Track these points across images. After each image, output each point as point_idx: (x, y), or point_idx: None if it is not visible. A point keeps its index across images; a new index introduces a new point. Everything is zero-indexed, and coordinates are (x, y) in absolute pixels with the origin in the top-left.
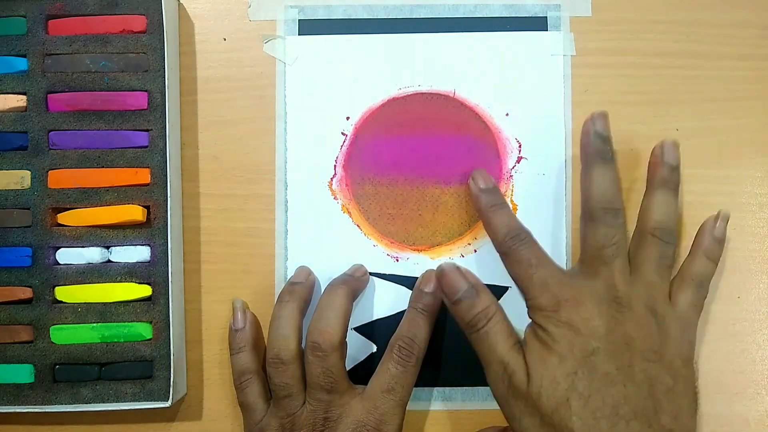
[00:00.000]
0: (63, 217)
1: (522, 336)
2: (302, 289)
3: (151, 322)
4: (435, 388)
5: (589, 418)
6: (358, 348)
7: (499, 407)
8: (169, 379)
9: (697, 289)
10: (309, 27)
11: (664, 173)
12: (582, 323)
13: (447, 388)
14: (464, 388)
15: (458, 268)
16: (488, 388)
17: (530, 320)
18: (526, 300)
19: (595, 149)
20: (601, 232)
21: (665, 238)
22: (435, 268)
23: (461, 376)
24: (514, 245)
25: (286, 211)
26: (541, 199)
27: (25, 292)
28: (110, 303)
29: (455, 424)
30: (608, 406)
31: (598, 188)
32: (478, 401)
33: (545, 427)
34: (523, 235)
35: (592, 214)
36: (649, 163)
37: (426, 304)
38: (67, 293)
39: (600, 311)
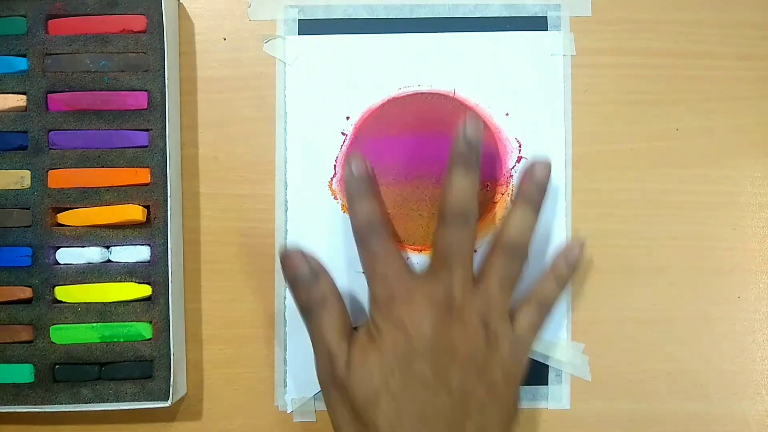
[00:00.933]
0: (63, 217)
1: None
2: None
3: (151, 322)
4: None
5: (395, 418)
6: None
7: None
8: (169, 379)
9: (539, 309)
10: (309, 27)
11: (529, 189)
12: (409, 322)
13: None
14: None
15: (302, 251)
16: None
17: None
18: (369, 294)
19: (459, 154)
20: (448, 237)
21: (514, 254)
22: (284, 248)
23: None
24: (367, 235)
25: (286, 211)
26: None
27: (25, 292)
28: (110, 303)
29: None
30: (416, 411)
31: (454, 193)
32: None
33: (355, 421)
34: (379, 228)
35: (444, 217)
36: (520, 178)
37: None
38: (67, 293)
39: (430, 314)
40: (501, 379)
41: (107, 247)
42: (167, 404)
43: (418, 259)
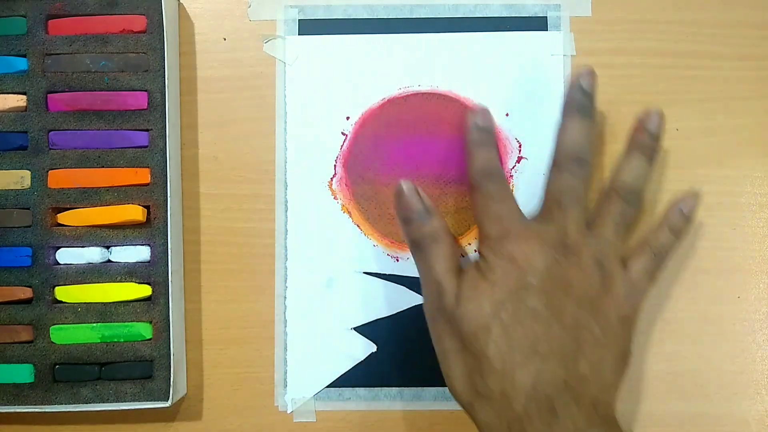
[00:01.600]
0: (63, 217)
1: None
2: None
3: (151, 322)
4: (434, 387)
5: (506, 347)
6: (358, 348)
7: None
8: (169, 379)
9: (653, 257)
10: (309, 27)
11: (643, 138)
12: (523, 258)
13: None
14: None
15: (417, 190)
16: None
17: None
18: (479, 233)
19: (575, 102)
20: (563, 179)
21: (629, 198)
22: (400, 185)
23: None
24: (484, 180)
25: (286, 211)
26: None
27: (25, 292)
28: (110, 303)
29: (456, 425)
30: (528, 340)
31: (569, 138)
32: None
33: (463, 351)
34: (497, 175)
35: (559, 161)
36: (633, 128)
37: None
38: (67, 293)
39: (545, 251)
40: (615, 319)
41: (107, 247)
42: (167, 404)
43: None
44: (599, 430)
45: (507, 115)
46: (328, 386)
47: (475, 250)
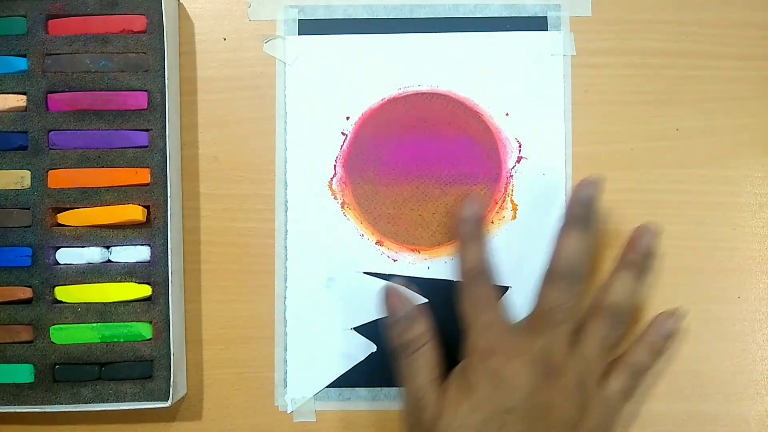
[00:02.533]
0: (63, 217)
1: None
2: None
3: (151, 322)
4: None
5: None
6: (358, 348)
7: None
8: (169, 379)
9: (631, 377)
10: (309, 27)
11: (635, 257)
12: (507, 378)
13: None
14: None
15: (399, 291)
16: None
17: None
18: (466, 340)
19: (577, 214)
20: (556, 294)
21: (616, 319)
22: (386, 286)
23: None
24: (474, 280)
25: (286, 211)
26: (541, 199)
27: (25, 292)
28: (110, 303)
29: None
30: None
31: (568, 252)
32: None
33: None
34: (488, 275)
35: (555, 274)
36: (627, 241)
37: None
38: (67, 293)
39: (529, 371)
40: None
41: (107, 247)
42: (167, 404)
43: (418, 259)
44: None
45: (507, 115)
46: (328, 386)
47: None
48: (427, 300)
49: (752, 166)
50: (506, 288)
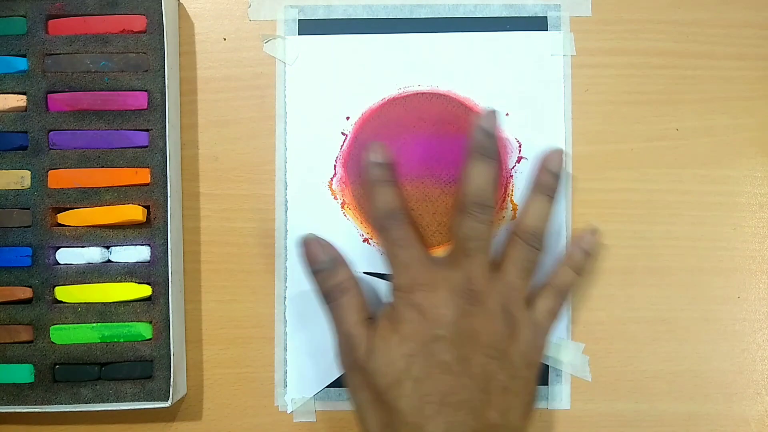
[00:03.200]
0: (63, 217)
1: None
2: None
3: (151, 322)
4: None
5: (417, 400)
6: None
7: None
8: (169, 379)
9: (556, 297)
10: (309, 27)
11: (545, 179)
12: (431, 309)
13: None
14: None
15: (319, 240)
16: None
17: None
18: (391, 278)
19: (478, 144)
20: (467, 225)
21: (532, 242)
22: (303, 237)
23: None
24: (388, 223)
25: (286, 211)
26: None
27: (25, 292)
28: (110, 303)
29: None
30: (438, 393)
31: (473, 183)
32: None
33: (377, 403)
34: (400, 216)
35: (463, 206)
36: (537, 168)
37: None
38: (67, 293)
39: (452, 301)
40: (521, 364)
41: (107, 247)
42: (167, 404)
43: None
44: None
45: (507, 114)
46: (328, 386)
47: None
48: None
49: (752, 166)
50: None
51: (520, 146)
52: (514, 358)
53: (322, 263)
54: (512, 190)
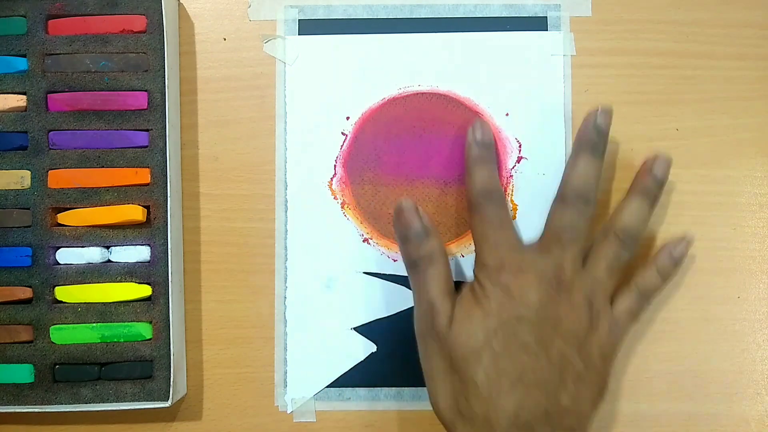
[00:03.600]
0: (63, 217)
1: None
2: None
3: (151, 322)
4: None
5: (494, 374)
6: (358, 348)
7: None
8: (169, 379)
9: (638, 298)
10: (309, 27)
11: (648, 183)
12: (518, 290)
13: None
14: None
15: (417, 208)
16: None
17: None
18: (476, 258)
19: (589, 140)
20: (567, 216)
21: (626, 241)
22: (400, 203)
23: None
24: (484, 201)
25: (286, 211)
26: (541, 199)
27: (25, 292)
28: (110, 303)
29: None
30: (516, 371)
31: (579, 176)
32: None
33: (451, 372)
34: (496, 196)
35: (565, 197)
36: (639, 170)
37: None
38: (67, 293)
39: (539, 286)
40: (598, 355)
41: (107, 247)
42: (167, 404)
43: None
44: None
45: (507, 114)
46: (328, 386)
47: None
48: None
49: (752, 166)
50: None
51: (520, 146)
52: (592, 349)
53: (416, 231)
54: (512, 190)
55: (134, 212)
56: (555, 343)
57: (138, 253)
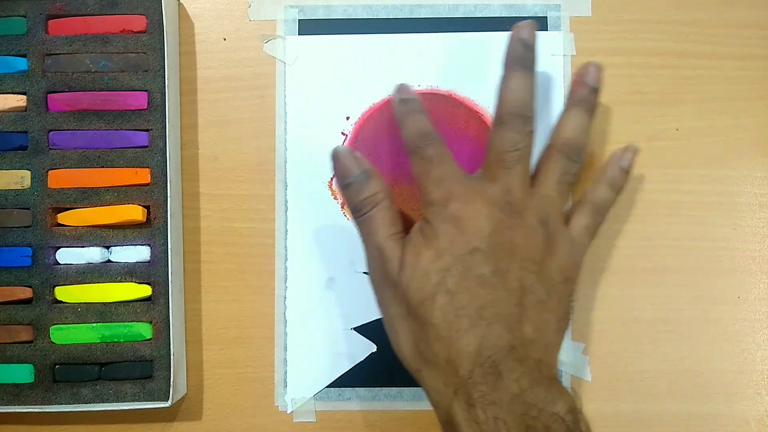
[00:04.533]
0: (63, 217)
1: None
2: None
3: (151, 322)
4: None
5: (451, 314)
6: (358, 348)
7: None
8: (169, 379)
9: (593, 214)
10: (309, 27)
11: (583, 92)
12: (468, 220)
13: None
14: None
15: (352, 152)
16: None
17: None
18: (423, 197)
19: (516, 55)
20: (507, 137)
21: (571, 154)
22: (336, 150)
23: None
24: (421, 144)
25: (286, 211)
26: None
27: (25, 292)
28: (110, 303)
29: None
30: (473, 307)
31: (512, 94)
32: None
33: (410, 318)
34: (432, 137)
35: (502, 118)
36: (571, 82)
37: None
38: (67, 293)
39: (490, 212)
40: (558, 278)
41: (107, 247)
42: (167, 404)
43: None
44: (542, 389)
45: None
46: (328, 386)
47: None
48: None
49: (752, 166)
50: None
51: None
52: (552, 272)
53: (355, 176)
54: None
55: (134, 212)
56: (512, 271)
57: (138, 253)
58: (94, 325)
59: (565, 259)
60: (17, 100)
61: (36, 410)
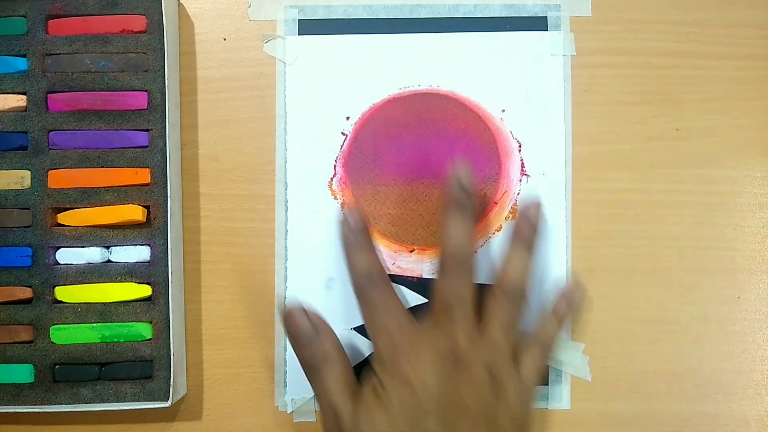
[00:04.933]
0: (63, 217)
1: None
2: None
3: (151, 322)
4: None
5: None
6: (358, 348)
7: None
8: (169, 379)
9: (542, 352)
10: (309, 27)
11: (523, 230)
12: (415, 377)
13: None
14: None
15: (303, 308)
16: None
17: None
18: (372, 345)
19: (453, 199)
20: (449, 285)
21: (514, 297)
22: (286, 307)
23: None
24: (367, 287)
25: (286, 211)
26: (541, 199)
27: (25, 292)
28: (110, 303)
29: None
30: None
31: (451, 240)
32: None
33: None
34: (377, 279)
35: (443, 264)
36: (517, 215)
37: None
38: (67, 293)
39: (436, 367)
40: (510, 428)
41: (107, 247)
42: (167, 404)
43: (418, 259)
44: None
45: (507, 115)
46: None
47: (475, 251)
48: (427, 300)
49: (752, 166)
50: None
51: (519, 146)
52: (503, 422)
53: (304, 331)
54: (516, 197)
55: (134, 212)
56: (463, 427)
57: (138, 253)
58: (94, 325)
59: (516, 408)
60: (17, 100)
61: (36, 410)
